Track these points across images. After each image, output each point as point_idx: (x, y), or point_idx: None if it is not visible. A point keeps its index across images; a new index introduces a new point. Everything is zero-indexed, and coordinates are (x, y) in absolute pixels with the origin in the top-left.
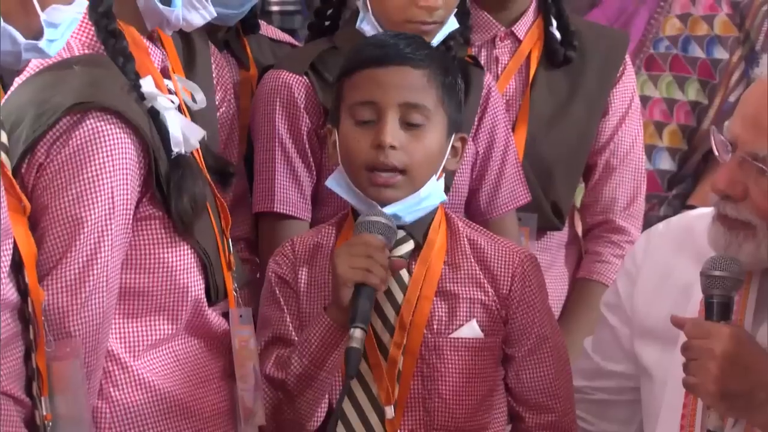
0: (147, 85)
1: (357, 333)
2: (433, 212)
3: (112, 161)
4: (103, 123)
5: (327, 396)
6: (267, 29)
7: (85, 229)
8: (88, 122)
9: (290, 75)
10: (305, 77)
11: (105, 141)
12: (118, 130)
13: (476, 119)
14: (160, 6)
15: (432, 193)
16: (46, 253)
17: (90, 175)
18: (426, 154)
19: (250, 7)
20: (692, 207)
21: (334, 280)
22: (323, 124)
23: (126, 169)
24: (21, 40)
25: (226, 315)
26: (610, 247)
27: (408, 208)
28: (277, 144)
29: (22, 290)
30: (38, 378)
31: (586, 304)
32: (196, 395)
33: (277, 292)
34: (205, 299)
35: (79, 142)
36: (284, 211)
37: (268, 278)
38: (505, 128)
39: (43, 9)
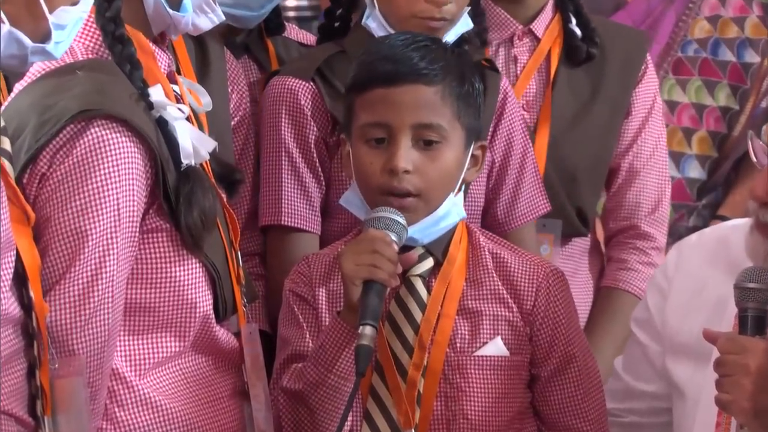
0: (156, 94)
1: (367, 330)
2: (453, 227)
3: (117, 171)
4: (108, 131)
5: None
6: (296, 33)
7: (90, 242)
8: (92, 130)
9: (296, 81)
10: (312, 83)
11: (110, 150)
12: (124, 139)
13: (492, 126)
14: (170, 11)
15: (450, 211)
16: (50, 267)
17: (95, 185)
18: (442, 175)
19: (270, 9)
20: (722, 217)
21: (342, 279)
22: (332, 132)
23: (132, 179)
24: (28, 44)
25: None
26: (636, 254)
27: (425, 230)
28: (283, 153)
29: (26, 304)
30: (42, 396)
31: (612, 314)
32: (205, 415)
33: (296, 309)
34: (213, 315)
35: (83, 151)
36: (292, 224)
37: (286, 298)
38: (522, 134)
39: (51, 11)
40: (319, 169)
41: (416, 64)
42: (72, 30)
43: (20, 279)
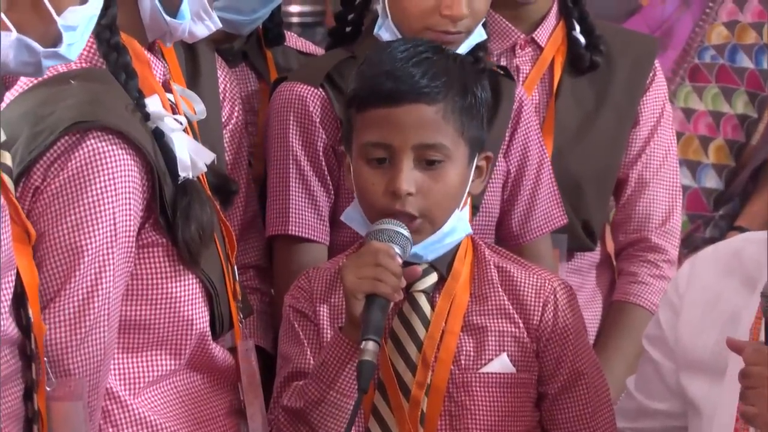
0: (153, 104)
1: (369, 345)
2: (458, 242)
3: (114, 185)
4: (104, 143)
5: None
6: (295, 41)
7: (86, 259)
8: (88, 143)
9: (305, 87)
10: (321, 90)
11: (106, 163)
12: (120, 151)
13: (507, 135)
14: (168, 19)
15: (456, 228)
16: (44, 284)
17: (90, 200)
18: (445, 194)
19: (264, 15)
20: (740, 228)
21: (344, 293)
22: (341, 140)
23: (129, 193)
24: (39, 49)
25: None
26: (647, 266)
27: (429, 246)
28: (291, 161)
29: (24, 325)
30: (39, 420)
31: (623, 329)
32: None
33: (296, 326)
34: (209, 332)
35: (78, 164)
36: (300, 234)
37: (286, 314)
38: (538, 144)
39: (59, 13)
40: (328, 178)
41: (417, 82)
42: (85, 30)
43: (19, 299)
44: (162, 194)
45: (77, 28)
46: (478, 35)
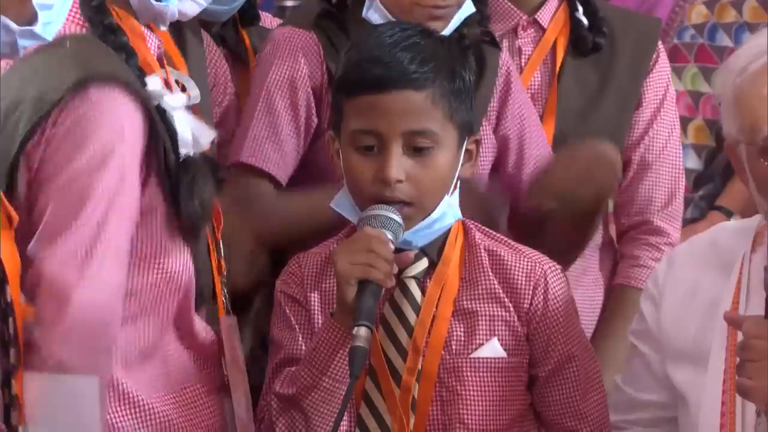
0: (153, 83)
1: (362, 331)
2: (448, 227)
3: (122, 129)
4: (108, 90)
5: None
6: (270, 21)
7: (94, 199)
8: (92, 90)
9: (296, 30)
10: (312, 33)
11: (113, 110)
12: (126, 99)
13: (497, 105)
14: (154, 2)
15: (445, 213)
16: (50, 223)
17: (98, 142)
18: (435, 181)
19: (242, 1)
20: (721, 208)
21: (336, 279)
22: (329, 123)
23: (135, 138)
24: (14, 28)
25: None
26: (648, 250)
27: (419, 232)
28: (264, 92)
29: (3, 309)
30: (17, 406)
31: (625, 312)
32: (184, 409)
33: (287, 311)
34: (193, 306)
35: (84, 112)
36: (253, 164)
37: (278, 300)
38: (530, 108)
39: None
40: (302, 116)
41: (406, 68)
42: (62, 9)
43: None
44: (167, 162)
45: (53, 7)
46: (467, 9)
